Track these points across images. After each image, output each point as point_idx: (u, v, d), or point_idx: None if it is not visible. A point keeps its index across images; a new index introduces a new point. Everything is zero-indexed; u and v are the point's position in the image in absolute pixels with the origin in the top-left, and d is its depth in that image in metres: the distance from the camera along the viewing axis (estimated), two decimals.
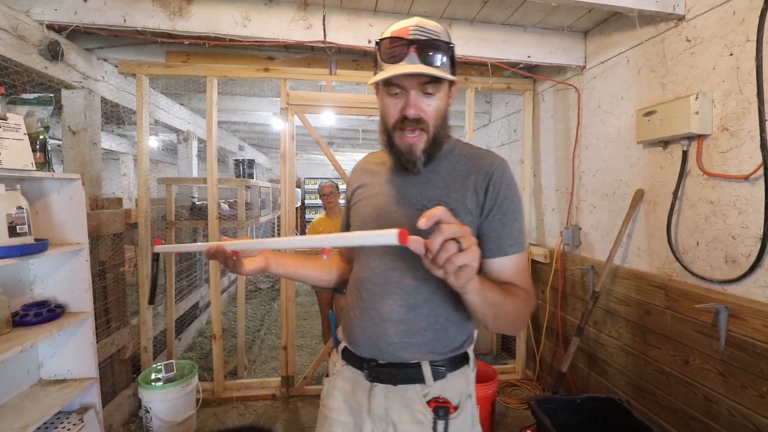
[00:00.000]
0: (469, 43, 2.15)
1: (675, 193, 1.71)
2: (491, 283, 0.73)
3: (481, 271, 0.82)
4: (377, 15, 2.04)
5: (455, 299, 0.83)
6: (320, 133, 2.73)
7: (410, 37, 0.76)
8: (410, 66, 0.75)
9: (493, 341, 3.21)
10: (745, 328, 1.42)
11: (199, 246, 0.89)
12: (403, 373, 0.84)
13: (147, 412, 2.11)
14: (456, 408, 0.84)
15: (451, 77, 0.78)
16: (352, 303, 0.93)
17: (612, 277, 2.08)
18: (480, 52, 2.17)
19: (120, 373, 2.33)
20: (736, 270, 1.48)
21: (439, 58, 0.76)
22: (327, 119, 3.87)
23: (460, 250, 0.54)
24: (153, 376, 2.22)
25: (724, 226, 1.52)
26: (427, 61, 0.76)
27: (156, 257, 1.02)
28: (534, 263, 2.77)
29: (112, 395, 2.22)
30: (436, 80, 0.77)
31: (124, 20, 1.85)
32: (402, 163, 0.84)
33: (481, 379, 2.27)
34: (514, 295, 0.76)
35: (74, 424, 1.61)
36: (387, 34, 0.80)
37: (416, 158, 0.82)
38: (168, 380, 2.20)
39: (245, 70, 2.42)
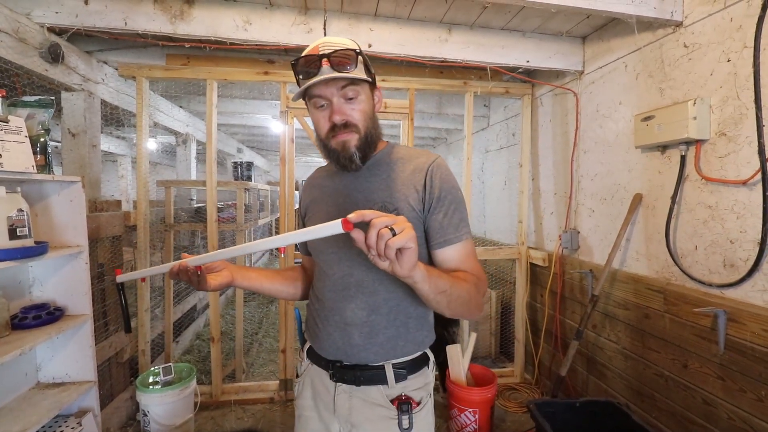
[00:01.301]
0: (468, 48, 2.16)
1: (673, 198, 1.72)
2: (439, 272, 0.77)
3: (433, 263, 0.88)
4: (377, 20, 2.06)
5: (414, 296, 0.87)
6: None
7: (320, 52, 0.82)
8: (325, 75, 0.81)
9: (491, 345, 3.22)
10: (744, 332, 1.43)
11: (163, 268, 0.91)
12: (366, 374, 0.89)
13: (145, 415, 2.10)
14: (418, 404, 0.90)
15: (363, 77, 0.84)
16: (315, 311, 0.97)
17: (611, 280, 2.09)
18: (479, 57, 2.18)
19: (118, 376, 2.32)
20: (734, 274, 1.49)
21: (349, 65, 0.82)
22: None
23: (394, 235, 0.60)
24: (151, 380, 2.21)
25: (723, 230, 1.53)
26: (338, 69, 0.82)
27: (120, 287, 1.03)
28: (532, 267, 2.78)
29: (109, 398, 2.21)
30: (354, 83, 0.84)
31: (125, 23, 1.85)
32: (340, 162, 0.89)
33: (480, 382, 2.28)
34: (464, 280, 0.80)
35: (72, 428, 1.60)
36: (299, 57, 0.86)
37: (351, 154, 0.87)
38: (166, 383, 2.18)
39: (245, 74, 2.42)
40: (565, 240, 2.42)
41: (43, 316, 1.55)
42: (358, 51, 0.84)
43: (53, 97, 1.55)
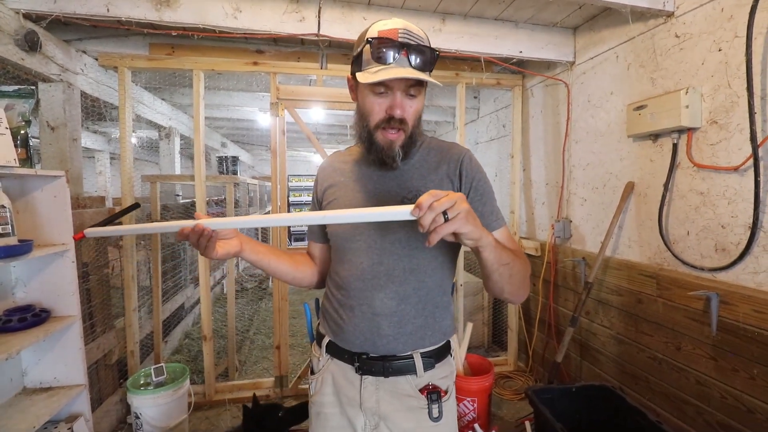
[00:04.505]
0: (462, 38, 2.15)
1: (665, 185, 1.76)
2: (503, 245, 0.78)
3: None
4: (371, 8, 2.02)
5: (442, 286, 0.91)
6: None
7: (400, 40, 0.79)
8: (405, 70, 0.77)
9: (484, 335, 3.25)
10: (736, 314, 1.48)
11: (157, 227, 0.82)
12: (395, 365, 0.87)
13: (137, 418, 2.03)
14: (446, 392, 0.90)
15: (437, 83, 0.82)
16: (337, 302, 0.94)
17: (604, 268, 2.13)
18: (473, 47, 2.18)
19: (106, 378, 2.24)
20: (725, 258, 1.54)
21: (427, 64, 0.80)
22: (315, 115, 3.82)
23: (446, 219, 0.60)
24: (142, 381, 2.14)
25: (714, 215, 1.58)
26: (415, 65, 0.79)
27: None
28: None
29: (98, 402, 2.13)
30: (420, 84, 0.82)
31: (108, 10, 1.76)
32: (382, 158, 0.87)
33: (477, 371, 2.30)
34: (518, 256, 0.82)
35: None
36: (374, 34, 0.81)
37: (395, 153, 0.86)
38: (158, 384, 2.12)
39: (233, 64, 2.35)
40: (557, 229, 2.45)
41: (29, 318, 1.47)
42: (437, 53, 0.82)
43: (34, 87, 1.46)
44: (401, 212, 0.61)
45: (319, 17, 1.92)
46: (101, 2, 1.74)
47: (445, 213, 0.60)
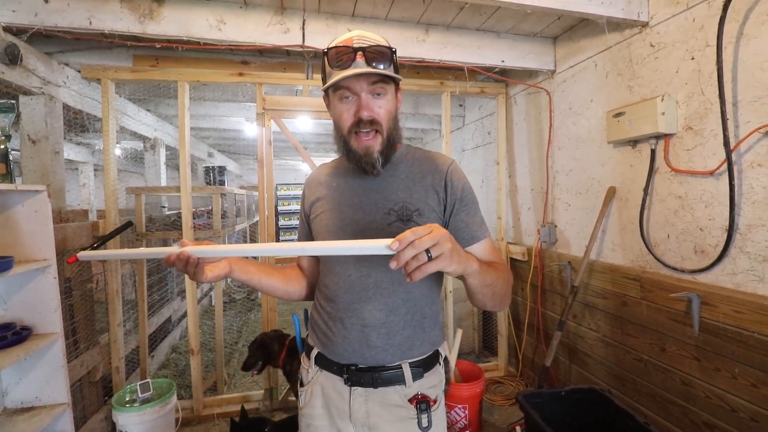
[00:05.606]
0: (445, 48, 2.19)
1: (645, 190, 1.81)
2: (488, 266, 0.80)
3: None
4: (355, 20, 2.05)
5: (430, 296, 0.92)
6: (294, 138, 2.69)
7: (355, 45, 0.82)
8: (360, 69, 0.80)
9: (474, 340, 3.26)
10: (716, 314, 1.52)
11: (144, 252, 0.83)
12: (384, 376, 0.87)
13: None
14: (435, 401, 0.90)
15: (398, 76, 0.85)
16: (326, 313, 0.94)
17: (589, 271, 2.17)
18: (456, 57, 2.22)
19: (90, 396, 2.19)
20: (705, 260, 1.58)
21: (384, 62, 0.82)
22: (302, 125, 3.83)
23: (430, 259, 0.60)
24: (128, 398, 2.10)
25: (693, 219, 1.62)
26: (373, 65, 0.81)
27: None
28: (512, 261, 2.84)
29: (82, 421, 2.08)
30: (384, 81, 0.83)
31: (90, 23, 1.76)
32: (361, 165, 0.88)
33: (467, 378, 2.30)
34: (501, 271, 0.84)
35: None
36: (332, 46, 0.85)
37: (374, 159, 0.86)
38: (144, 401, 2.08)
39: (219, 75, 2.35)
40: (543, 234, 2.48)
41: (9, 336, 1.44)
42: (393, 50, 0.84)
43: (14, 101, 1.44)
44: (379, 246, 0.61)
45: (303, 29, 1.94)
46: (83, 15, 1.73)
47: (428, 250, 0.60)
